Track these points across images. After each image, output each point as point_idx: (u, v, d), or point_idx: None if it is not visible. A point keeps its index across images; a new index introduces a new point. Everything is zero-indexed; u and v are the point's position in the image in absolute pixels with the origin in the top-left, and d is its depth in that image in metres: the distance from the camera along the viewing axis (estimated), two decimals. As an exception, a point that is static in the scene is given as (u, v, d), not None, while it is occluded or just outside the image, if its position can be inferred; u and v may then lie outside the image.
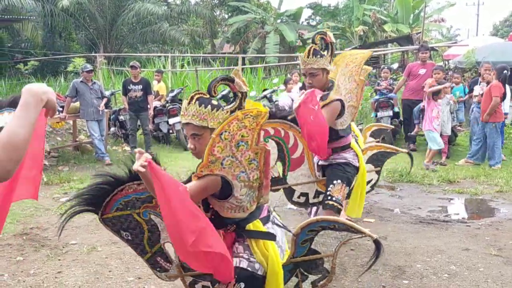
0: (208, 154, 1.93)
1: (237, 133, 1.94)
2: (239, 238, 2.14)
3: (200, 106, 1.99)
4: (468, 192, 6.05)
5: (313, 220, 2.08)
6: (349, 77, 3.51)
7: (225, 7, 26.40)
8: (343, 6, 23.88)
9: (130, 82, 8.76)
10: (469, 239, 4.38)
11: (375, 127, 4.77)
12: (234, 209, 2.04)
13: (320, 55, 3.35)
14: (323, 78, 3.40)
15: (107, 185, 2.23)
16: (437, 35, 28.62)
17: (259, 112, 1.95)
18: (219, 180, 1.97)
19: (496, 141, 7.49)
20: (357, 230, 2.04)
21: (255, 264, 2.10)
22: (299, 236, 2.09)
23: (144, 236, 2.40)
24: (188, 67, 16.14)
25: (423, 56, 8.76)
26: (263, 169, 2.02)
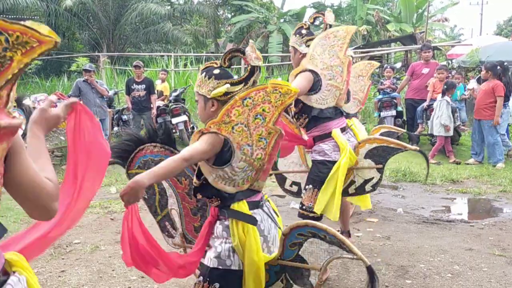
0: (224, 114, 1.91)
1: (260, 105, 1.92)
2: (221, 216, 2.06)
3: (201, 74, 2.08)
4: (471, 192, 6.03)
5: (302, 223, 1.95)
6: (329, 52, 3.24)
7: (228, 7, 26.40)
8: (346, 5, 23.85)
9: (133, 81, 8.80)
10: (473, 239, 4.36)
11: (384, 128, 4.35)
12: (225, 180, 1.97)
13: (296, 33, 3.30)
14: (294, 57, 3.35)
15: (131, 142, 2.42)
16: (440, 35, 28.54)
17: (288, 90, 1.92)
18: (221, 142, 1.92)
19: (496, 139, 7.47)
20: (349, 248, 1.82)
21: (226, 261, 2.01)
22: (288, 236, 1.98)
23: (155, 198, 2.49)
24: (191, 67, 16.17)
25: (426, 56, 8.75)
26: (269, 152, 1.99)
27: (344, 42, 3.25)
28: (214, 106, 2.04)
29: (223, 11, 27.98)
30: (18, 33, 0.95)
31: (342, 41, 3.25)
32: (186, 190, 2.45)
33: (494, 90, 7.31)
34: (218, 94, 2.00)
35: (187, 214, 2.49)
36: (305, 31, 3.32)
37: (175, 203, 2.49)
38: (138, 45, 22.49)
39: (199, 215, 2.48)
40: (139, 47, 22.52)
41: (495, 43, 12.31)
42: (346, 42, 3.25)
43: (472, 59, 10.89)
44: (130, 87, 8.78)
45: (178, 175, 2.42)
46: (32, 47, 0.97)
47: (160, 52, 20.58)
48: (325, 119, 3.28)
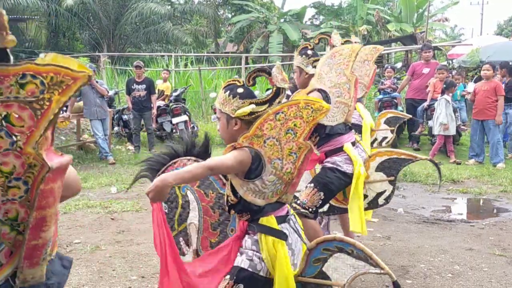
0: (256, 127, 1.93)
1: (292, 120, 1.93)
2: (250, 230, 2.08)
3: (225, 92, 2.06)
4: (472, 192, 6.03)
5: (330, 238, 1.93)
6: (336, 70, 3.28)
7: (229, 6, 26.40)
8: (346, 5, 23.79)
9: (134, 81, 8.83)
10: (473, 239, 4.36)
11: (390, 113, 4.40)
12: (255, 193, 1.98)
13: (301, 53, 3.30)
14: (300, 77, 3.36)
15: (167, 156, 2.44)
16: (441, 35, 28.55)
17: (320, 107, 1.93)
18: (249, 161, 1.94)
19: (498, 139, 7.47)
20: (376, 263, 1.80)
21: (257, 265, 2.03)
22: (313, 252, 1.94)
23: (177, 211, 2.48)
24: (192, 67, 16.17)
25: (427, 55, 8.75)
26: (298, 166, 2.01)
27: (349, 60, 3.28)
28: (237, 125, 2.04)
29: (223, 11, 27.98)
30: (52, 74, 0.96)
31: (348, 59, 3.28)
32: (211, 204, 2.44)
33: (497, 90, 7.32)
34: (243, 114, 2.00)
35: (206, 229, 2.46)
36: (311, 51, 3.34)
37: (195, 217, 2.47)
38: (139, 45, 22.50)
39: (218, 230, 2.46)
40: (140, 47, 22.53)
41: (496, 43, 12.31)
42: (352, 59, 3.28)
43: (473, 59, 10.88)
44: (130, 87, 8.80)
45: (206, 188, 2.43)
46: (68, 85, 0.98)
47: (161, 52, 20.60)
48: (336, 135, 3.32)
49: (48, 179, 1.03)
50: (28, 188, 1.04)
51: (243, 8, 24.27)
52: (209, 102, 12.58)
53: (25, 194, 1.04)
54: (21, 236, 1.08)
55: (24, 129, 0.98)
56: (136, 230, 4.62)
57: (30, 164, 1.01)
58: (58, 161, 1.04)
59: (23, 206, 1.05)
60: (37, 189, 1.03)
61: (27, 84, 0.96)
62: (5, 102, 0.96)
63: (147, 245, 4.18)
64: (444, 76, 8.21)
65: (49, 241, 1.13)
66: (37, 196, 1.04)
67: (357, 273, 1.96)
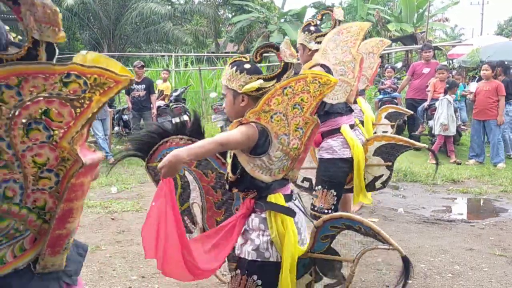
0: (264, 102, 1.90)
1: (299, 94, 1.91)
2: (257, 208, 2.04)
3: (232, 68, 2.04)
4: (472, 192, 6.03)
5: (337, 216, 1.94)
6: (342, 47, 3.26)
7: (229, 6, 26.41)
8: (347, 5, 23.82)
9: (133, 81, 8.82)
10: (473, 239, 4.36)
11: (391, 109, 4.35)
12: (262, 169, 1.95)
13: (304, 30, 3.27)
14: (303, 55, 3.32)
15: (155, 134, 2.39)
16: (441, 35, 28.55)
17: (328, 81, 1.92)
18: (256, 136, 1.92)
19: (499, 139, 7.47)
20: (384, 239, 1.83)
21: (264, 253, 1.99)
22: (320, 229, 1.95)
23: (177, 191, 2.45)
24: (192, 67, 16.18)
25: (427, 55, 8.75)
26: (305, 142, 1.99)
27: (357, 38, 3.25)
28: (244, 101, 2.02)
29: (223, 11, 27.99)
30: (96, 75, 1.00)
31: (356, 37, 3.25)
32: (212, 184, 2.43)
33: (498, 90, 7.32)
34: (251, 89, 1.98)
35: (210, 208, 2.46)
36: (314, 28, 3.31)
37: (197, 197, 2.46)
38: (139, 45, 22.50)
39: (223, 209, 2.46)
40: (140, 47, 22.53)
41: (496, 43, 12.30)
42: (360, 38, 3.26)
43: (473, 59, 10.88)
44: (130, 87, 8.81)
45: (204, 168, 2.41)
46: (109, 87, 1.02)
47: (161, 52, 20.60)
48: (335, 114, 3.28)
49: (80, 174, 1.07)
50: (58, 180, 1.07)
51: (243, 8, 24.28)
52: (209, 102, 12.58)
53: (55, 186, 1.07)
54: (47, 225, 1.11)
55: (62, 124, 1.02)
56: (136, 230, 4.62)
57: (63, 157, 1.05)
58: (91, 157, 1.08)
59: (52, 197, 1.09)
60: (68, 182, 1.07)
61: (70, 83, 1.00)
62: (48, 98, 1.00)
63: (147, 245, 4.19)
64: (444, 76, 8.21)
65: (73, 232, 1.17)
66: (67, 189, 1.07)
67: (366, 249, 1.98)
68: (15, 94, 0.97)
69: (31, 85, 0.98)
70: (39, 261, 1.14)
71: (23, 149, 1.02)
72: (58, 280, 1.21)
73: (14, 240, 1.09)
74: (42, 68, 0.98)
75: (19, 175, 1.05)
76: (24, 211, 1.07)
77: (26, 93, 0.98)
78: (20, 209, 1.07)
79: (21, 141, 1.01)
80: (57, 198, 1.09)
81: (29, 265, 1.14)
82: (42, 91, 0.99)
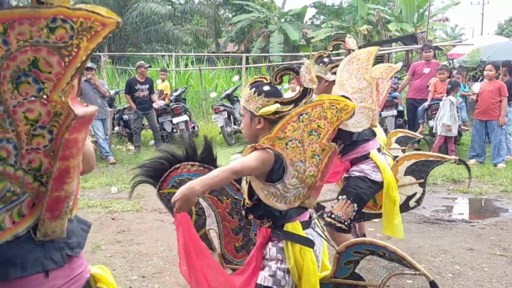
0: (279, 129, 1.86)
1: (315, 121, 1.87)
2: (274, 237, 1.99)
3: (251, 89, 2.01)
4: (472, 192, 6.02)
5: (360, 241, 1.90)
6: (355, 75, 3.29)
7: (229, 6, 26.41)
8: (347, 5, 23.82)
9: (137, 81, 8.92)
10: (474, 239, 4.36)
11: (401, 133, 4.38)
12: (277, 197, 1.90)
13: (318, 62, 3.28)
14: (318, 86, 3.26)
15: (166, 161, 2.36)
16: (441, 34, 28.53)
17: (345, 107, 1.87)
18: (272, 161, 1.87)
19: (501, 139, 7.47)
20: (410, 265, 1.78)
21: (281, 280, 1.95)
22: (342, 255, 1.90)
23: (192, 218, 2.41)
24: (192, 66, 16.19)
25: (427, 55, 8.74)
26: (322, 169, 1.94)
27: (368, 63, 3.27)
28: (260, 123, 1.98)
29: (223, 11, 27.99)
30: (82, 19, 0.94)
31: (366, 63, 3.27)
32: (228, 210, 2.39)
33: (501, 90, 7.32)
34: (267, 112, 1.94)
35: (227, 234, 2.42)
36: (327, 59, 3.31)
37: (214, 223, 2.42)
38: (139, 45, 22.52)
39: (241, 234, 2.41)
40: (140, 46, 22.55)
41: (496, 43, 12.31)
42: (370, 63, 3.27)
43: (473, 59, 10.88)
44: (133, 87, 8.85)
45: (219, 195, 2.37)
46: (96, 32, 0.96)
47: (161, 52, 20.62)
48: (363, 141, 3.28)
49: (73, 128, 1.02)
50: (52, 138, 1.03)
51: (243, 8, 24.28)
52: (210, 102, 12.58)
53: (50, 144, 1.03)
54: (44, 188, 1.07)
55: (51, 75, 0.97)
56: (137, 230, 4.62)
57: (55, 112, 1.00)
58: (83, 110, 1.02)
59: (47, 156, 1.04)
60: (62, 138, 1.02)
61: (57, 28, 0.94)
62: (35, 46, 0.94)
63: (147, 245, 4.19)
64: (445, 76, 8.20)
65: (71, 194, 1.12)
66: (61, 146, 1.02)
67: (392, 274, 1.95)
68: (2, 43, 0.92)
69: (17, 32, 0.92)
70: (39, 227, 1.10)
71: (14, 104, 0.97)
72: (60, 250, 1.18)
73: (11, 204, 1.05)
74: (27, 12, 0.92)
75: (12, 133, 1.00)
76: (19, 173, 1.03)
77: (12, 41, 0.92)
78: (16, 171, 1.03)
79: (11, 96, 0.96)
80: (53, 158, 1.04)
81: (29, 233, 1.10)
82: (28, 39, 0.93)
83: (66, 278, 1.19)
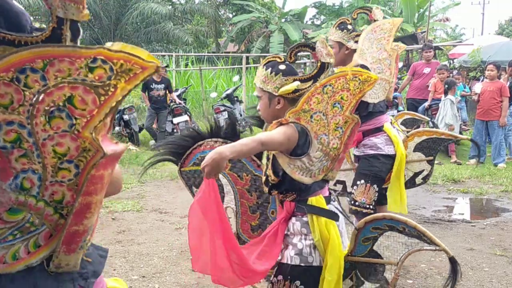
0: (304, 102, 1.86)
1: (339, 93, 1.87)
2: (298, 212, 1.97)
3: (267, 69, 1.98)
4: (473, 192, 6.03)
5: (379, 216, 1.88)
6: (377, 45, 3.24)
7: (229, 6, 26.41)
8: (348, 5, 23.83)
9: (153, 81, 9.10)
10: (474, 239, 4.36)
11: (407, 115, 4.36)
12: (302, 170, 1.90)
13: (341, 28, 3.20)
14: (339, 53, 3.24)
15: (190, 138, 2.34)
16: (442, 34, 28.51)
17: (368, 78, 1.87)
18: (296, 137, 1.86)
19: (502, 139, 7.47)
20: (430, 240, 1.80)
21: (308, 257, 1.93)
22: (361, 231, 1.88)
23: None
24: (192, 66, 16.19)
25: (427, 55, 8.74)
26: (345, 141, 1.94)
27: (390, 34, 3.24)
28: (280, 103, 1.97)
29: (224, 11, 27.99)
30: (122, 61, 0.95)
31: (389, 34, 3.24)
32: (247, 187, 2.37)
33: (502, 90, 7.31)
34: (287, 91, 1.93)
35: (244, 212, 2.40)
36: (351, 26, 3.25)
37: (232, 201, 2.39)
38: (140, 45, 22.45)
39: (258, 212, 2.39)
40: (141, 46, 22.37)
41: (497, 43, 12.30)
42: (392, 34, 3.24)
43: (474, 59, 10.88)
44: (149, 86, 9.02)
45: (239, 171, 2.35)
46: (135, 74, 0.97)
47: (161, 51, 20.61)
48: (378, 113, 3.26)
49: (100, 165, 1.02)
50: (78, 172, 1.03)
51: (244, 8, 24.28)
52: (210, 102, 12.58)
53: (74, 178, 1.03)
54: (63, 220, 1.07)
55: (85, 112, 0.97)
56: (137, 230, 4.62)
57: (84, 148, 1.00)
58: (113, 149, 1.03)
59: (70, 190, 1.04)
60: (88, 174, 1.02)
61: (96, 68, 0.95)
62: (72, 83, 0.95)
63: (148, 244, 4.19)
64: (444, 76, 8.20)
65: (90, 229, 1.12)
66: (86, 181, 1.02)
67: (411, 251, 1.94)
68: (40, 78, 0.93)
69: (56, 69, 0.94)
70: (53, 259, 1.09)
71: (44, 137, 0.98)
72: (73, 282, 1.17)
73: (29, 235, 1.05)
74: (68, 51, 0.93)
75: (38, 165, 1.00)
76: (41, 204, 1.03)
77: (50, 77, 0.94)
78: (37, 202, 1.03)
79: (42, 129, 0.97)
80: (76, 192, 1.04)
81: (43, 263, 1.10)
82: (67, 76, 0.94)
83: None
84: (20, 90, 0.94)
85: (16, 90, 0.94)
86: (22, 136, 0.97)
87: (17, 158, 0.99)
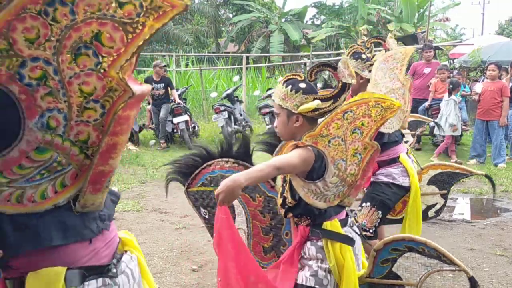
0: (323, 127, 1.85)
1: (360, 119, 1.85)
2: (313, 236, 1.96)
3: (287, 86, 1.97)
4: (473, 192, 6.03)
5: (399, 237, 1.86)
6: (389, 75, 3.21)
7: (230, 6, 26.41)
8: (347, 5, 23.81)
9: (152, 80, 9.26)
10: (474, 239, 4.36)
11: (412, 117, 4.29)
12: (317, 195, 1.88)
13: (356, 57, 3.18)
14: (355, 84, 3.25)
15: (199, 157, 2.31)
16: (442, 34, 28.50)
17: (391, 105, 1.85)
18: (312, 160, 1.85)
19: (502, 140, 7.47)
20: (450, 261, 1.79)
21: (323, 280, 1.92)
22: (380, 253, 1.87)
23: None
24: (192, 66, 16.19)
25: (428, 55, 8.74)
26: (363, 167, 1.92)
27: (402, 64, 3.21)
28: (298, 121, 1.95)
29: (224, 11, 27.98)
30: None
31: (401, 63, 3.21)
32: (260, 208, 2.33)
33: (503, 91, 7.31)
34: (307, 109, 1.91)
35: (256, 234, 2.36)
36: (365, 56, 3.23)
37: (243, 222, 2.35)
38: (140, 45, 22.49)
39: (271, 234, 2.35)
40: (140, 46, 22.51)
41: (497, 43, 12.30)
42: (405, 64, 3.22)
43: (474, 59, 10.87)
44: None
45: (251, 192, 2.31)
46: (164, 12, 0.94)
47: (161, 51, 20.61)
48: (393, 143, 3.21)
49: (127, 106, 1.01)
50: (104, 112, 1.02)
51: (244, 8, 24.28)
52: (210, 102, 12.58)
53: (100, 118, 1.02)
54: (89, 161, 1.07)
55: (112, 50, 0.95)
56: (137, 230, 4.62)
57: (110, 87, 0.99)
58: (140, 88, 1.02)
59: (96, 130, 1.04)
60: (115, 114, 1.01)
61: (126, 4, 0.92)
62: (101, 19, 0.92)
63: (148, 245, 4.19)
64: (445, 76, 8.20)
65: (114, 170, 1.12)
66: (113, 121, 1.01)
67: (431, 271, 1.93)
68: (69, 12, 0.90)
69: (87, 3, 0.91)
70: (79, 198, 1.10)
71: (70, 75, 0.96)
72: (96, 221, 1.19)
73: (56, 174, 1.05)
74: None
75: (64, 104, 0.99)
76: (67, 144, 1.03)
77: (80, 11, 0.91)
78: (63, 141, 1.02)
79: (68, 67, 0.95)
80: (101, 132, 1.03)
81: (69, 203, 1.11)
82: (96, 11, 0.91)
83: (104, 242, 1.22)
84: (47, 24, 0.91)
85: (43, 24, 0.91)
86: (47, 73, 0.95)
87: (43, 96, 0.97)
